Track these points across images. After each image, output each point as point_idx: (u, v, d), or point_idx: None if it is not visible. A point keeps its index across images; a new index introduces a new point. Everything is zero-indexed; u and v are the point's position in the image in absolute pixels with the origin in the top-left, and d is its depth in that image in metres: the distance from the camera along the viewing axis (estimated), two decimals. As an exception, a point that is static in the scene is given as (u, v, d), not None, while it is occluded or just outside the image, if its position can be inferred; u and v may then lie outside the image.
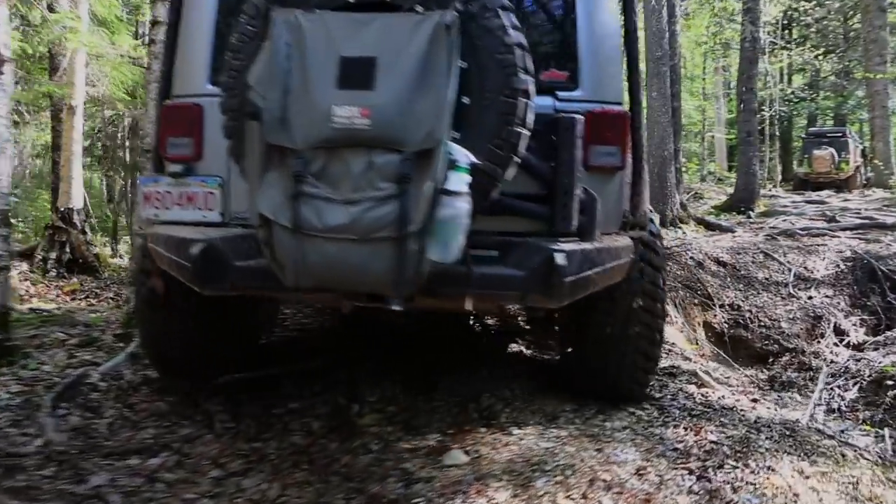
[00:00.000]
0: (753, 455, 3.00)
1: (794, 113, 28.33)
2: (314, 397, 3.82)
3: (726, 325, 7.60)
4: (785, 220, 12.53)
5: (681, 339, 5.92)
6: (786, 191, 22.02)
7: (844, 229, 11.08)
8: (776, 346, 7.52)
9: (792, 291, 8.27)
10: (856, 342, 7.54)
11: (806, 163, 22.07)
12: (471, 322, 5.34)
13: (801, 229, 10.89)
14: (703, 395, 3.86)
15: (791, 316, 7.86)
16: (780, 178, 26.35)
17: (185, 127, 3.09)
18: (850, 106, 27.78)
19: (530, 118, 2.47)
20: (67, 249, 7.69)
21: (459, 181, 2.24)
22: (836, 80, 27.37)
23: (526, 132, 2.46)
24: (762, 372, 7.29)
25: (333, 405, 3.69)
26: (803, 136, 25.21)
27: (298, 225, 2.27)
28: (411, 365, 4.09)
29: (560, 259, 2.42)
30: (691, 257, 8.29)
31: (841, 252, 9.05)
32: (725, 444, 3.11)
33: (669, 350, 4.99)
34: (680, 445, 3.06)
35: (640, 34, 16.47)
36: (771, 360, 7.43)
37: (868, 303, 8.20)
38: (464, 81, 2.33)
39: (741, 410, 3.68)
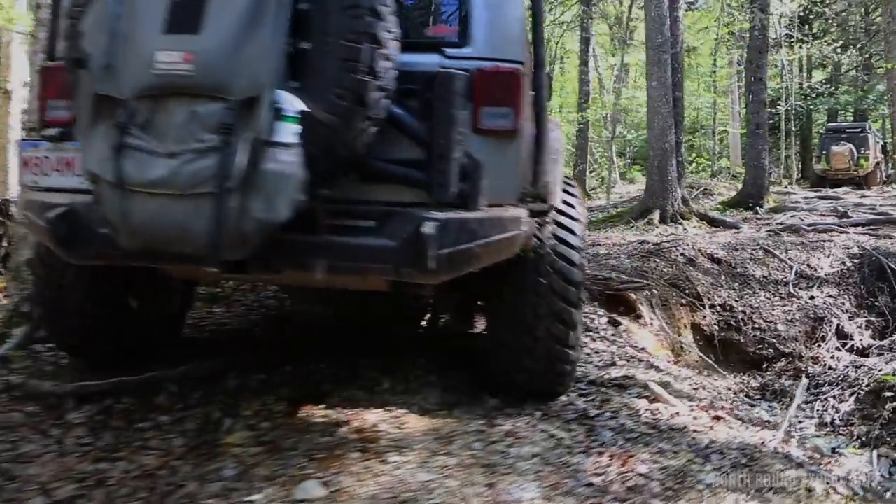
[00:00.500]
0: (688, 493, 2.38)
1: (812, 108, 27.33)
2: (189, 409, 3.27)
3: (717, 328, 6.93)
4: (794, 216, 11.83)
5: (653, 342, 5.26)
6: (803, 188, 21.19)
7: (856, 225, 10.36)
8: (771, 350, 6.84)
9: (792, 291, 7.58)
10: (860, 346, 6.86)
11: (824, 159, 21.24)
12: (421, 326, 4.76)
13: (808, 225, 10.16)
14: (651, 413, 3.22)
15: (789, 317, 7.17)
16: (796, 174, 25.43)
17: (63, 89, 2.82)
18: (870, 101, 26.80)
19: (383, 66, 2.23)
20: (4, 243, 7.21)
21: (287, 132, 2.05)
22: (856, 75, 26.43)
23: (374, 81, 2.21)
24: (754, 379, 6.64)
25: (205, 419, 3.13)
26: (821, 131, 24.34)
27: (121, 180, 2.13)
28: (310, 373, 3.51)
29: (428, 228, 2.18)
30: (682, 253, 7.62)
31: (848, 248, 8.33)
32: (656, 477, 2.48)
33: (632, 357, 4.34)
34: (597, 480, 2.44)
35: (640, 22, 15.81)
36: (765, 365, 6.76)
37: (876, 303, 7.49)
38: (304, 25, 2.17)
39: (694, 431, 3.04)
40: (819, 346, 6.88)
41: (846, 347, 6.85)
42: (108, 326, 3.49)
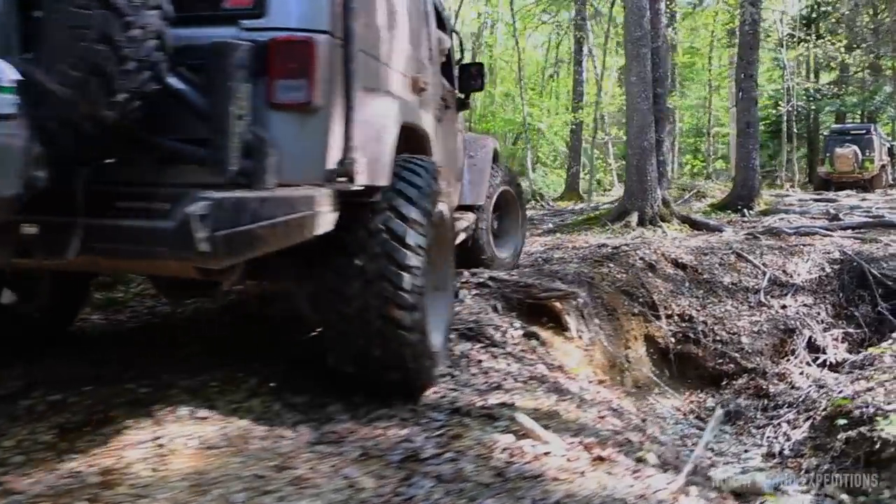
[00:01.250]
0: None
1: (814, 109, 26.47)
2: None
3: (673, 340, 6.26)
4: (783, 219, 11.14)
5: (579, 358, 4.59)
6: (807, 191, 20.44)
7: (845, 228, 9.66)
8: (732, 365, 6.16)
9: (763, 299, 6.90)
10: (834, 361, 6.17)
11: (827, 161, 20.51)
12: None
13: (793, 228, 9.47)
14: (509, 454, 2.58)
15: (756, 329, 6.49)
16: (800, 177, 24.62)
17: None
18: (877, 102, 25.98)
19: (127, 35, 2.09)
20: None
21: (3, 103, 1.93)
22: (864, 76, 25.64)
23: (114, 51, 2.07)
24: (711, 397, 5.98)
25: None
26: (826, 133, 23.58)
27: None
28: (113, 393, 2.90)
29: (196, 209, 2.04)
30: (641, 258, 6.95)
31: (828, 253, 7.63)
32: (452, 552, 1.87)
33: (533, 378, 3.66)
34: (368, 555, 1.83)
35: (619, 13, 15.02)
36: (724, 382, 6.09)
37: (855, 313, 6.80)
38: None
39: (553, 480, 2.41)
40: (788, 360, 6.21)
41: (817, 362, 6.18)
42: None
